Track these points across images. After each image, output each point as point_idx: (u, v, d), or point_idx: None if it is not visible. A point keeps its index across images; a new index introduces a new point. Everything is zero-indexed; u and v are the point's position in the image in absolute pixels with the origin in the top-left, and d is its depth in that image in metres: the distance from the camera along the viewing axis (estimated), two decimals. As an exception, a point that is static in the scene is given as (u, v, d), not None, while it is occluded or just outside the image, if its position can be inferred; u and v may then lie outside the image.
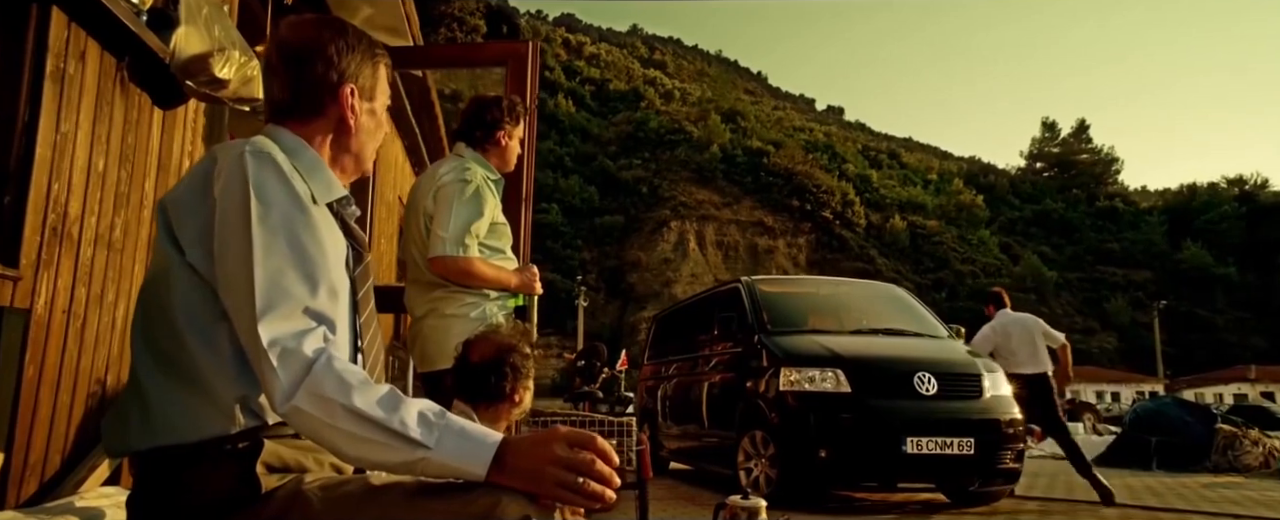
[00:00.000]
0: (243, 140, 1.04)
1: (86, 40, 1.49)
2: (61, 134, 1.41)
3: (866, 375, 5.30)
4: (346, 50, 1.21)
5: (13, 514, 1.19)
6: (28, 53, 1.36)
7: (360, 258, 1.20)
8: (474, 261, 2.29)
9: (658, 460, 8.04)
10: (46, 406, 1.36)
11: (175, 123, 1.83)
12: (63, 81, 1.41)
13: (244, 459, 0.96)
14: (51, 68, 1.38)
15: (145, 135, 1.70)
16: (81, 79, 1.47)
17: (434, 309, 2.32)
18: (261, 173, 1.00)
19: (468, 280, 2.30)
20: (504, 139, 2.45)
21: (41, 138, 1.36)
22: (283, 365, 0.91)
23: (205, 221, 0.99)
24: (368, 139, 1.25)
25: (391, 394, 0.94)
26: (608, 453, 0.98)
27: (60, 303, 1.40)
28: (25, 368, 1.30)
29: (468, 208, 2.28)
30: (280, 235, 0.98)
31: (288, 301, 0.95)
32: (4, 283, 1.26)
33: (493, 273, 2.33)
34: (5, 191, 1.31)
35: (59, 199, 1.40)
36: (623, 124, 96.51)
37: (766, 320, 6.22)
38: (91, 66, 1.51)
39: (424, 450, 0.91)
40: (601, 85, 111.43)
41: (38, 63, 1.36)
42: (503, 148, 2.46)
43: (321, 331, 0.97)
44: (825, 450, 5.09)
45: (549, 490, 0.94)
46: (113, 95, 1.58)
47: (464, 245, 2.26)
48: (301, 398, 0.90)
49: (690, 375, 7.19)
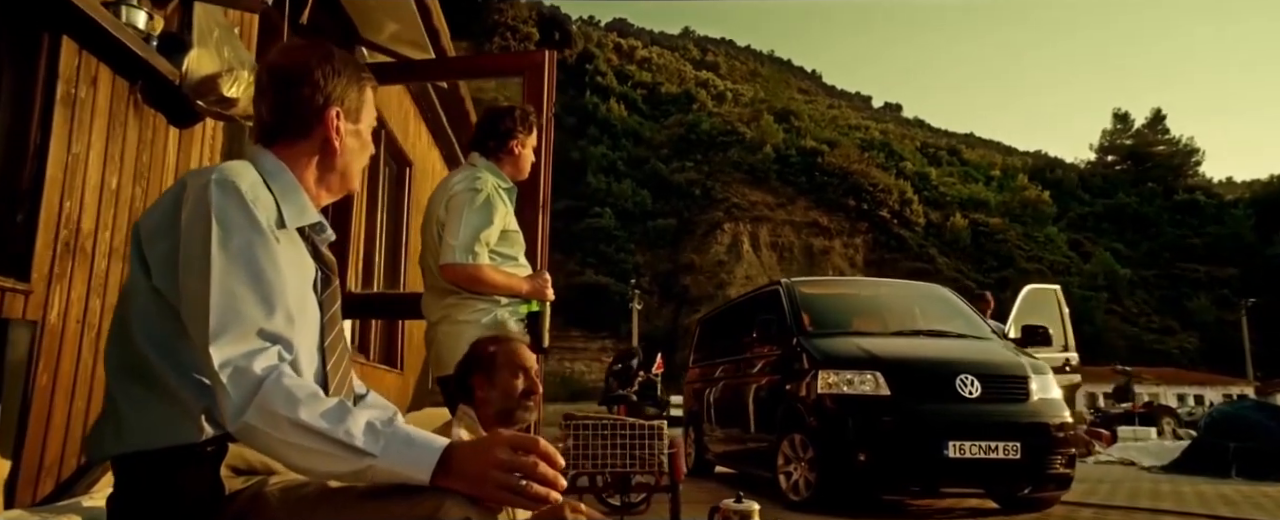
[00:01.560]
0: (211, 168, 1.09)
1: (98, 66, 1.58)
2: (73, 155, 1.50)
3: (906, 377, 5.19)
4: (332, 74, 1.25)
5: (19, 513, 1.27)
6: (39, 79, 1.45)
7: (329, 281, 1.25)
8: (484, 268, 2.33)
9: (703, 463, 8.04)
10: (62, 411, 1.45)
11: (192, 140, 1.92)
12: (73, 105, 1.50)
13: (210, 463, 1.02)
14: (62, 93, 1.47)
15: (161, 153, 1.79)
16: (93, 102, 1.56)
17: (447, 315, 2.38)
18: (224, 201, 1.05)
19: (478, 286, 2.35)
20: (517, 148, 2.50)
21: (52, 159, 1.45)
22: (233, 384, 0.95)
23: (172, 246, 1.05)
24: (353, 159, 1.30)
25: (339, 406, 0.97)
26: (551, 455, 1.00)
27: (74, 313, 1.48)
28: (39, 375, 1.39)
29: (478, 216, 2.33)
30: (239, 261, 1.03)
31: (241, 324, 1.00)
32: (15, 296, 1.35)
33: (503, 279, 2.38)
34: (18, 211, 1.40)
35: (71, 216, 1.49)
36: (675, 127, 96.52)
37: (806, 322, 6.16)
38: (103, 90, 1.60)
39: (370, 458, 0.95)
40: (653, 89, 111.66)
41: (49, 88, 1.45)
42: (516, 156, 2.51)
43: (276, 350, 1.02)
44: (864, 454, 5.00)
45: (492, 493, 0.96)
46: (126, 116, 1.67)
47: (474, 253, 2.31)
48: (251, 414, 0.95)
49: (732, 378, 7.17)
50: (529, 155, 2.55)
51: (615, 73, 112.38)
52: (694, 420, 8.57)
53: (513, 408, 1.98)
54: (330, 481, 1.02)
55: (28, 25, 1.45)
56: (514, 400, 1.97)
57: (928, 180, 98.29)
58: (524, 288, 2.42)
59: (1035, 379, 5.42)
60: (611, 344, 53.97)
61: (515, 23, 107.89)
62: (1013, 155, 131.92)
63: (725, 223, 78.43)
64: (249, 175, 1.13)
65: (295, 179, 1.23)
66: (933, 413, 5.06)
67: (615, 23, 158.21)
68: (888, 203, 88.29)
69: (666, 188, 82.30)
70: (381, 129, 4.01)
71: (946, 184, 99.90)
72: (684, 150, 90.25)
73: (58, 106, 1.46)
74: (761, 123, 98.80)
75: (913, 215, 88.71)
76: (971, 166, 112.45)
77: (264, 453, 0.99)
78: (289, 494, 1.02)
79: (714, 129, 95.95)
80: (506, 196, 2.48)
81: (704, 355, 8.50)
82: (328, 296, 1.26)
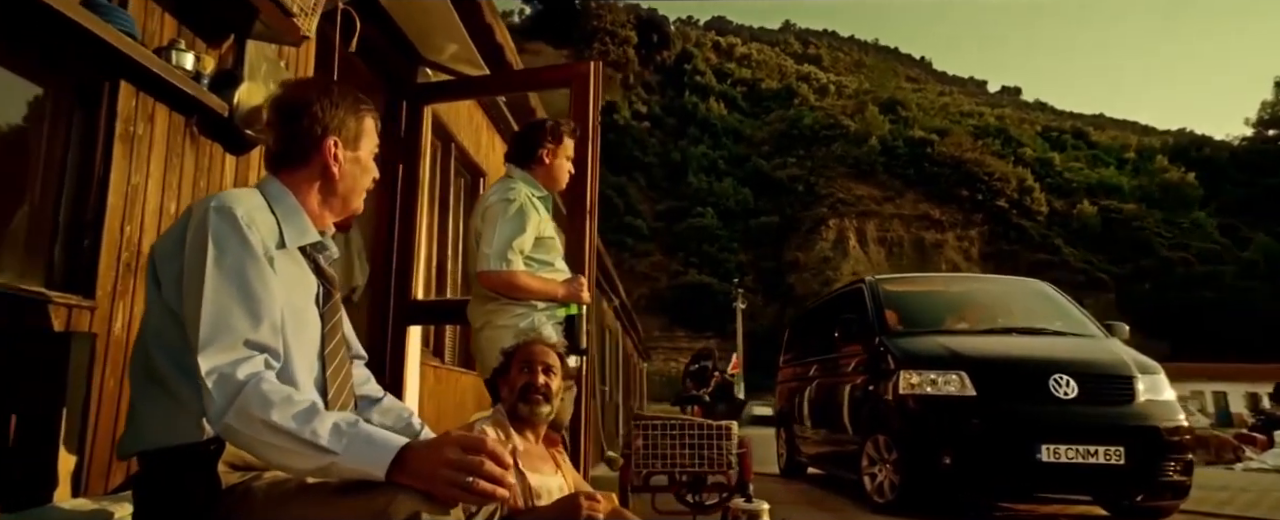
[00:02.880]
0: (214, 195, 1.23)
1: (154, 105, 1.78)
2: (132, 185, 1.69)
3: (994, 377, 4.95)
4: (331, 106, 1.37)
5: (83, 500, 1.46)
6: (102, 120, 1.65)
7: (330, 295, 1.37)
8: (517, 274, 2.43)
9: (795, 464, 7.94)
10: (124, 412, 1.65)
11: (249, 165, 2.11)
12: (132, 141, 1.70)
13: (209, 461, 1.14)
14: (121, 131, 1.67)
15: (218, 179, 1.98)
16: (150, 137, 1.76)
17: (488, 321, 2.49)
18: (221, 225, 1.18)
19: (513, 292, 2.45)
20: (547, 157, 2.59)
21: (113, 189, 1.64)
22: (217, 389, 1.07)
23: (179, 266, 1.18)
24: (353, 183, 1.41)
25: (310, 408, 1.07)
26: (498, 455, 1.07)
27: (134, 325, 1.68)
28: (105, 381, 1.59)
29: (510, 225, 2.44)
30: (231, 278, 1.15)
31: (229, 334, 1.11)
32: (82, 311, 1.55)
33: (538, 284, 2.47)
34: (84, 236, 1.60)
35: (131, 239, 1.68)
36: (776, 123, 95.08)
37: (891, 320, 5.98)
38: (160, 126, 1.80)
39: (332, 455, 1.04)
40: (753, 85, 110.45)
41: (109, 127, 1.65)
42: (547, 166, 2.60)
43: (262, 359, 1.13)
44: (949, 456, 4.81)
45: (442, 489, 1.04)
46: (182, 148, 1.86)
47: (507, 260, 2.41)
48: (231, 415, 1.06)
49: (819, 378, 7.05)
50: (563, 164, 2.63)
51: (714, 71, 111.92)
52: (784, 420, 8.48)
53: (517, 402, 2.07)
54: (308, 478, 1.13)
55: (91, 74, 1.66)
56: (515, 396, 2.06)
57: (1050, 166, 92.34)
58: (559, 292, 2.50)
59: (1143, 379, 5.05)
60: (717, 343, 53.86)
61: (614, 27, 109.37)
62: (1150, 135, 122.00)
63: (830, 219, 76.56)
64: (248, 201, 1.26)
65: (298, 203, 1.35)
66: (1023, 414, 4.80)
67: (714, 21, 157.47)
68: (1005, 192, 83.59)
69: (769, 185, 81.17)
70: (451, 142, 4.21)
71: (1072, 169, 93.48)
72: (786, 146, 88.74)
73: (118, 143, 1.66)
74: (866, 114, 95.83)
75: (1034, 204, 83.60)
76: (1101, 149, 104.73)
77: (244, 450, 1.11)
78: (274, 489, 1.13)
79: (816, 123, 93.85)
80: (541, 205, 2.57)
81: (794, 355, 8.40)
82: (329, 309, 1.38)
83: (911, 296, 6.41)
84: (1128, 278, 68.78)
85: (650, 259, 70.70)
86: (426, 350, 3.87)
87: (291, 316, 1.26)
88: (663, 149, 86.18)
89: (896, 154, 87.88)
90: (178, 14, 1.89)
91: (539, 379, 2.11)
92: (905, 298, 6.30)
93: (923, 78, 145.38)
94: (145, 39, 1.75)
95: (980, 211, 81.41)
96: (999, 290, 6.78)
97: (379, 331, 3.22)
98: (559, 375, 2.18)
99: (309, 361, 1.30)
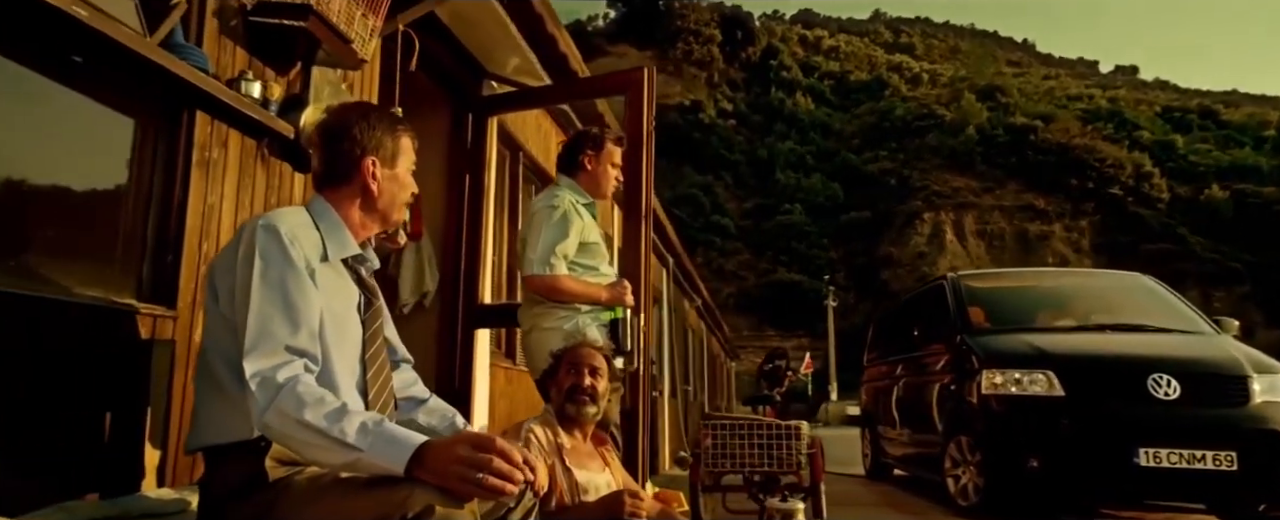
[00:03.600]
0: (261, 215, 1.36)
1: (227, 131, 1.95)
2: (208, 205, 1.87)
3: (1084, 376, 4.70)
4: (368, 129, 1.49)
5: (167, 490, 1.62)
6: (180, 147, 1.83)
7: (371, 303, 1.48)
8: (560, 279, 2.52)
9: (882, 465, 7.77)
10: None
11: (317, 182, 2.28)
12: (207, 166, 1.87)
13: (258, 456, 1.27)
14: (197, 157, 1.84)
15: (287, 196, 2.15)
16: (224, 161, 1.93)
17: (535, 324, 2.59)
18: (267, 242, 1.30)
19: (556, 295, 2.54)
20: (588, 163, 2.67)
21: (191, 210, 1.82)
22: (260, 390, 1.19)
23: (233, 280, 1.31)
24: (392, 198, 1.52)
25: (340, 409, 1.18)
26: (507, 453, 1.14)
27: (213, 332, 1.85)
28: (186, 384, 1.76)
29: (554, 230, 2.53)
30: (274, 289, 1.27)
31: (270, 341, 1.23)
32: (165, 321, 1.72)
33: (581, 288, 2.55)
34: (167, 253, 1.78)
35: (208, 254, 1.85)
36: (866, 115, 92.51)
37: (978, 317, 5.78)
38: (233, 150, 1.97)
39: (358, 452, 1.14)
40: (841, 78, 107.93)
41: (187, 153, 1.83)
42: (589, 172, 2.68)
43: (301, 363, 1.24)
44: (1036, 459, 4.61)
45: (455, 485, 1.13)
46: (254, 169, 2.03)
47: (550, 264, 2.51)
48: (270, 414, 1.18)
49: (901, 377, 6.89)
50: (606, 170, 2.70)
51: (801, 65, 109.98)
52: (869, 421, 8.31)
53: (565, 403, 2.15)
54: (341, 473, 1.23)
55: (171, 106, 1.84)
56: (563, 397, 2.14)
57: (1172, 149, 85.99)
58: (603, 295, 2.57)
59: (1260, 379, 4.68)
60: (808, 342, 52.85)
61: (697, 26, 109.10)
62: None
63: (924, 212, 73.84)
64: (292, 219, 1.38)
65: (340, 218, 1.47)
66: (1117, 415, 4.55)
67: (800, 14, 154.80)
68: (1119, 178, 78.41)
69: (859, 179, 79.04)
70: (519, 150, 4.36)
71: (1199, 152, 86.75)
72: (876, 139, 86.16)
73: (195, 168, 1.83)
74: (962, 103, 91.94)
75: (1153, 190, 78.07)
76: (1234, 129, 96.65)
77: (283, 445, 1.22)
78: (312, 483, 1.25)
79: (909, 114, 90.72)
80: (586, 211, 2.65)
81: (878, 354, 8.22)
82: (370, 315, 1.49)
83: (998, 293, 6.17)
84: (1265, 267, 63.19)
85: (738, 257, 70.11)
86: (498, 351, 4.02)
87: (333, 323, 1.37)
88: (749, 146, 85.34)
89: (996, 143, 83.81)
90: (249, 47, 2.06)
91: (585, 381, 2.19)
92: (991, 294, 6.07)
93: (1026, 61, 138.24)
94: (218, 71, 1.93)
95: (1090, 200, 76.62)
96: (1096, 285, 6.44)
97: (448, 334, 3.38)
98: (605, 377, 2.25)
99: (351, 364, 1.41)
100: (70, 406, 1.54)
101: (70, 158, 1.73)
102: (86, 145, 1.77)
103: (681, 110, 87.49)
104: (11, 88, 1.61)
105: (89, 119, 1.77)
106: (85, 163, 1.77)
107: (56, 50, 1.62)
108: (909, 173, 79.07)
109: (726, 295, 64.65)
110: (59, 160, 1.71)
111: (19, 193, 1.63)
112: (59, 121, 1.76)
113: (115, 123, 1.81)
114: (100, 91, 1.75)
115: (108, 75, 1.70)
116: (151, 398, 1.60)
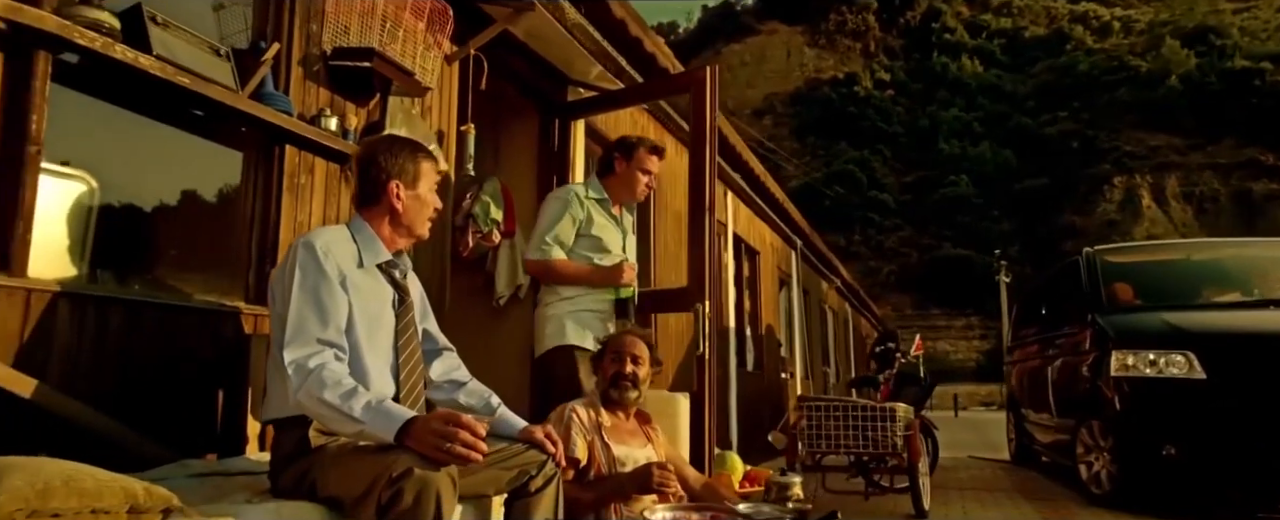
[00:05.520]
0: (306, 233, 1.69)
1: (313, 160, 2.34)
2: (298, 222, 2.26)
3: (1232, 358, 4.29)
4: (392, 157, 1.79)
5: (264, 454, 2.02)
6: (274, 175, 2.24)
7: (403, 300, 1.78)
8: (553, 262, 2.77)
9: (1028, 451, 7.39)
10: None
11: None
12: (296, 190, 2.27)
13: (304, 428, 1.60)
14: (288, 183, 2.24)
15: (370, 210, 2.53)
16: (311, 184, 2.32)
17: (540, 302, 2.90)
18: (305, 256, 1.63)
19: (550, 277, 2.82)
20: (618, 166, 2.91)
21: (284, 226, 2.22)
22: (295, 374, 1.51)
23: (281, 287, 1.65)
24: (415, 215, 1.81)
25: (352, 390, 1.48)
26: (471, 427, 1.41)
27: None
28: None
29: (550, 218, 2.80)
30: (309, 294, 1.59)
31: (304, 335, 1.55)
32: (264, 319, 2.13)
33: (572, 269, 2.78)
34: (267, 264, 2.20)
35: (300, 263, 2.25)
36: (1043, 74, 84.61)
37: (1119, 295, 5.39)
38: (319, 174, 2.36)
39: (361, 424, 1.45)
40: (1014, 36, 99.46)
41: (279, 180, 2.23)
42: (619, 175, 2.91)
43: (330, 353, 1.55)
44: (1173, 447, 4.28)
45: (430, 452, 1.41)
46: (338, 190, 2.42)
47: (542, 249, 2.78)
48: (301, 393, 1.50)
49: (1038, 359, 6.53)
50: (634, 175, 2.90)
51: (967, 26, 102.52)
52: (1013, 404, 7.91)
53: (608, 388, 2.37)
54: (359, 441, 1.54)
55: (265, 142, 2.25)
56: (607, 383, 2.37)
57: None
58: (593, 278, 2.77)
59: None
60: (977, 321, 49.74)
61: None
62: None
63: (1115, 176, 66.66)
64: (328, 235, 1.70)
65: (374, 232, 1.78)
66: (1269, 401, 4.12)
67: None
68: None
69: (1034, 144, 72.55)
70: (613, 149, 4.62)
71: None
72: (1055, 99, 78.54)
73: (285, 193, 2.23)
74: (1163, 50, 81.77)
75: None
76: None
77: (312, 418, 1.55)
78: (340, 449, 1.56)
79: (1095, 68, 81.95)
80: (598, 206, 2.86)
81: (1020, 335, 7.81)
82: (402, 310, 1.79)
83: (1147, 268, 5.70)
84: None
85: (898, 234, 66.81)
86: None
87: (367, 318, 1.69)
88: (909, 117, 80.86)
89: (1207, 92, 73.68)
90: (331, 86, 2.46)
91: (628, 368, 2.41)
92: (1140, 269, 5.61)
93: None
94: (304, 109, 2.33)
95: (1335, 152, 65.92)
96: (1262, 255, 5.74)
97: (538, 323, 3.71)
98: (647, 364, 2.47)
99: (384, 350, 1.72)
100: (194, 388, 1.98)
101: (192, 190, 2.19)
102: (205, 179, 2.22)
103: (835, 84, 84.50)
104: (147, 137, 2.08)
105: (207, 157, 2.22)
106: (204, 193, 2.22)
107: (180, 107, 2.05)
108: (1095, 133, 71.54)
109: (886, 273, 61.98)
110: (185, 193, 2.17)
111: (154, 221, 2.09)
112: (186, 162, 2.22)
113: (227, 158, 2.25)
114: (214, 134, 2.19)
115: (217, 122, 2.13)
116: (253, 381, 2.00)
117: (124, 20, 1.86)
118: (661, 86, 3.89)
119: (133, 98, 1.98)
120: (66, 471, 1.15)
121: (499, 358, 3.64)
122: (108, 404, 1.75)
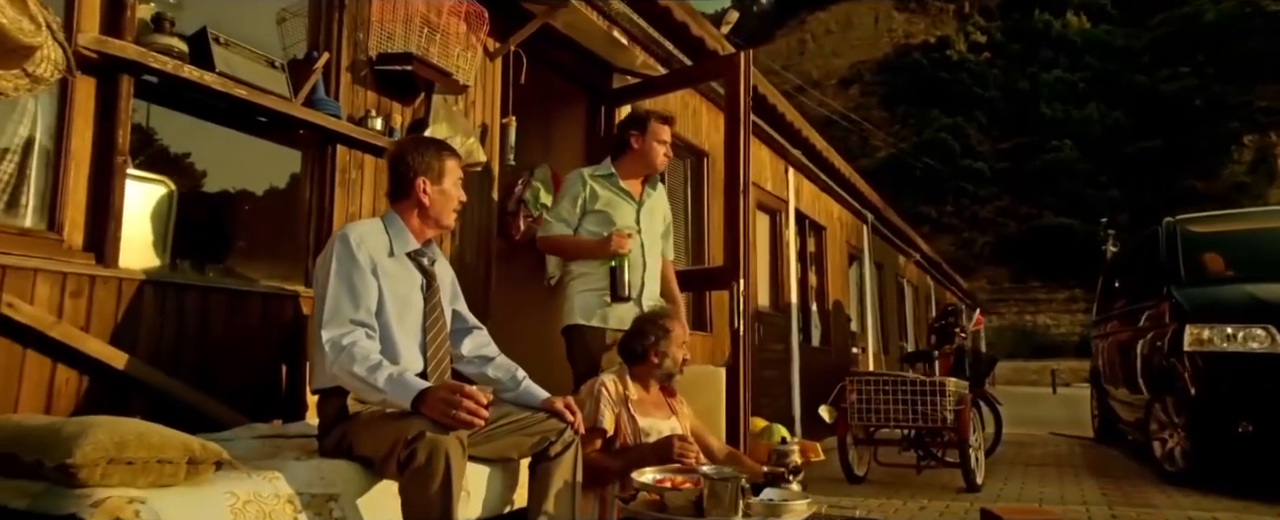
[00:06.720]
0: (344, 226, 1.92)
1: (362, 156, 2.59)
2: (350, 214, 2.51)
3: (1316, 332, 4.07)
4: (418, 155, 2.00)
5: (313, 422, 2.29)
6: (327, 171, 2.50)
7: (430, 284, 1.99)
8: (555, 238, 2.92)
9: (1111, 429, 7.14)
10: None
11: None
12: (347, 185, 2.52)
13: (343, 397, 1.83)
14: (339, 178, 2.49)
15: (417, 200, 2.76)
16: (361, 180, 2.57)
17: (558, 276, 3.15)
18: (340, 247, 1.85)
19: (554, 252, 3.12)
20: (634, 142, 2.98)
21: (337, 217, 2.47)
22: (330, 350, 1.74)
23: (322, 274, 1.88)
24: (441, 208, 2.02)
25: (377, 364, 1.70)
26: (474, 396, 1.61)
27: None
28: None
29: (556, 199, 3.01)
30: (343, 280, 1.82)
31: (339, 315, 1.78)
32: (322, 300, 2.39)
33: (572, 244, 2.91)
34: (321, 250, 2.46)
35: (352, 250, 2.51)
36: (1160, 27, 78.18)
37: (1209, 266, 5.15)
38: (367, 170, 2.60)
39: (383, 394, 1.67)
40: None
41: (332, 175, 2.49)
42: (637, 150, 2.98)
43: (362, 331, 1.78)
44: (1249, 424, 4.11)
45: (440, 418, 1.62)
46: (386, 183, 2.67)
47: (545, 227, 2.98)
48: (334, 368, 1.73)
49: (1117, 333, 6.30)
50: (652, 146, 2.95)
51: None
52: (1096, 380, 7.63)
53: (672, 372, 2.56)
54: (385, 409, 1.76)
55: (319, 142, 2.51)
56: (677, 367, 2.57)
57: None
58: (584, 248, 2.86)
59: None
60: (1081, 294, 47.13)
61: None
62: None
63: (1244, 135, 61.30)
64: (362, 228, 1.92)
65: (404, 224, 2.00)
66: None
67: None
68: None
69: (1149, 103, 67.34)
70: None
71: None
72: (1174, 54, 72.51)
73: (338, 187, 2.48)
74: (1303, -8, 73.96)
75: None
76: None
77: (346, 388, 1.77)
78: (371, 416, 1.79)
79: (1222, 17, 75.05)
80: (604, 182, 2.94)
81: (1105, 309, 7.50)
82: (429, 293, 2.01)
83: (1225, 237, 5.40)
84: None
85: (995, 204, 63.63)
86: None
87: (397, 301, 1.91)
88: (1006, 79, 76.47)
89: (1358, 38, 66.46)
90: (377, 88, 2.70)
91: (673, 356, 2.58)
92: (1216, 239, 5.32)
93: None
94: (353, 111, 2.57)
95: None
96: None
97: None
98: (675, 342, 2.62)
99: (413, 329, 1.94)
100: (260, 361, 2.27)
101: (258, 187, 2.46)
102: (269, 177, 2.50)
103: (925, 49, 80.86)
104: (218, 141, 2.36)
105: (270, 157, 2.50)
106: (268, 189, 2.50)
107: (244, 115, 2.33)
108: (1221, 89, 65.80)
109: (981, 245, 59.36)
110: (251, 190, 2.45)
111: (225, 216, 2.38)
112: (253, 163, 2.50)
113: (287, 158, 2.52)
114: (275, 137, 2.46)
115: (276, 127, 2.40)
116: (309, 355, 2.26)
117: (192, 43, 2.13)
118: (698, 71, 3.98)
119: (204, 108, 2.26)
120: (139, 429, 1.41)
121: (552, 334, 3.87)
122: (186, 375, 2.05)
